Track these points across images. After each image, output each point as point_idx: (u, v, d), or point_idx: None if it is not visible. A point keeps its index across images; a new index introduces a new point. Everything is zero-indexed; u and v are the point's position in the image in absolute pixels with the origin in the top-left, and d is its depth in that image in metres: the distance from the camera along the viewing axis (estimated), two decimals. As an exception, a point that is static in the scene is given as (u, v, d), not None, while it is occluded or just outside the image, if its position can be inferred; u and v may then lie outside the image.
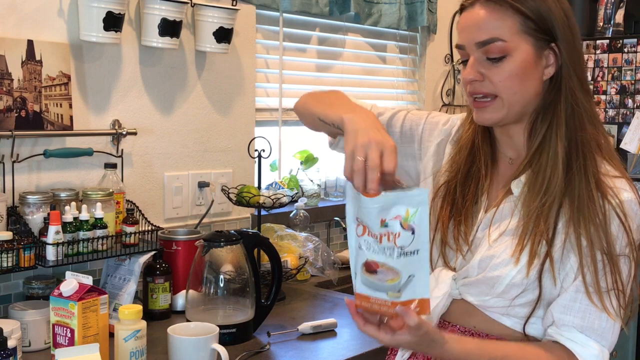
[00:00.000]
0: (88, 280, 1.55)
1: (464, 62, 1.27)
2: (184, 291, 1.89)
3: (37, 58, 1.86)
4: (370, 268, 1.11)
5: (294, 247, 2.33)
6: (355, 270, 1.14)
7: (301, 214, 2.58)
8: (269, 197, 2.13)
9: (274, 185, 2.48)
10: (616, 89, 3.01)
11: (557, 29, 1.23)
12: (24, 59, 1.84)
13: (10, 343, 1.43)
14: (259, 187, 2.19)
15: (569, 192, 1.22)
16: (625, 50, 2.98)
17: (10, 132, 1.80)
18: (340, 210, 2.80)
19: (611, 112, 3.02)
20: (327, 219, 2.75)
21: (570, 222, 1.21)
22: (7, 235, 1.70)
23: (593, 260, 1.19)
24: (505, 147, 1.34)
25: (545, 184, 1.23)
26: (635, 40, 2.96)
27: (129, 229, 1.91)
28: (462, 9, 1.28)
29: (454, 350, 1.20)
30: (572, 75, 1.24)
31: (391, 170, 1.11)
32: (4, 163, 1.82)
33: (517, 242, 1.23)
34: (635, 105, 2.96)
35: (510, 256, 1.23)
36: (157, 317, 1.92)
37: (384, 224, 1.11)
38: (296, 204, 2.50)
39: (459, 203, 1.33)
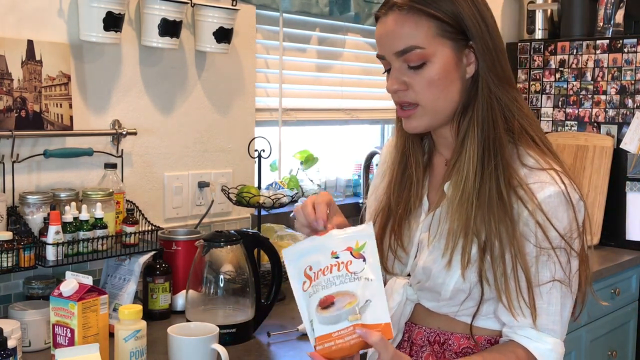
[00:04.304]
0: (88, 280, 1.55)
1: (388, 72, 1.27)
2: (184, 291, 1.89)
3: (37, 58, 1.86)
4: (325, 303, 1.13)
5: (294, 247, 2.32)
6: (310, 318, 1.15)
7: (301, 214, 2.57)
8: (269, 197, 2.12)
9: (274, 185, 2.48)
10: (616, 89, 3.00)
11: (470, 28, 1.22)
12: (24, 59, 1.84)
13: (10, 343, 1.42)
14: (259, 187, 2.19)
15: (481, 192, 1.22)
16: (625, 50, 2.98)
17: (10, 132, 1.80)
18: (340, 210, 2.79)
19: (611, 112, 3.02)
20: (327, 219, 2.74)
21: (483, 223, 1.21)
22: (7, 235, 1.70)
23: (503, 259, 1.20)
24: (442, 148, 1.35)
25: (462, 184, 1.23)
26: (635, 40, 2.96)
27: (129, 229, 1.91)
28: (377, 18, 1.27)
29: None
30: (488, 73, 1.23)
31: None
32: (4, 163, 1.82)
33: (444, 247, 1.24)
34: (635, 105, 2.96)
35: (445, 262, 1.24)
36: (157, 317, 1.92)
37: (334, 255, 1.15)
38: (296, 204, 2.49)
39: (393, 210, 1.34)
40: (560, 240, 1.21)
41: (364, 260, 1.14)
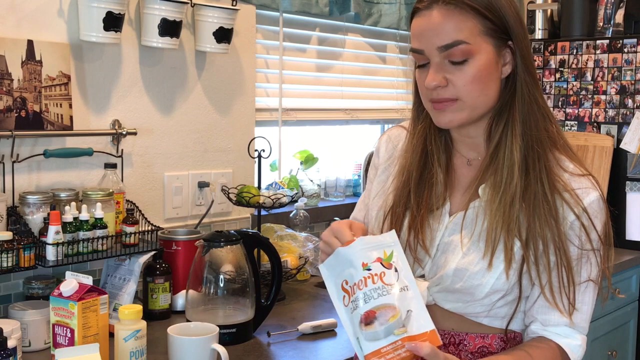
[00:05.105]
0: (88, 280, 1.55)
1: (420, 67, 1.25)
2: (184, 291, 1.89)
3: (37, 58, 1.86)
4: (368, 319, 1.12)
5: (294, 247, 2.33)
6: (357, 335, 1.14)
7: (301, 214, 2.58)
8: (269, 197, 2.12)
9: (274, 185, 2.48)
10: (616, 89, 3.00)
11: (512, 27, 1.22)
12: (24, 59, 1.84)
13: (10, 343, 1.43)
14: (259, 187, 2.19)
15: (527, 194, 1.22)
16: (625, 50, 2.98)
17: (10, 132, 1.80)
18: (340, 210, 2.80)
19: (611, 112, 3.02)
20: (327, 219, 2.75)
21: (526, 224, 1.22)
22: (7, 235, 1.70)
23: (547, 258, 1.22)
24: (464, 148, 1.33)
25: (503, 184, 1.23)
26: (635, 40, 2.96)
27: (129, 229, 1.91)
28: (415, 12, 1.25)
29: None
30: (526, 73, 1.23)
31: None
32: (4, 163, 1.82)
33: (485, 247, 1.23)
34: (635, 105, 2.96)
35: (486, 263, 1.23)
36: (157, 317, 1.92)
37: (366, 267, 1.14)
38: (296, 204, 2.49)
39: (414, 210, 1.31)
40: (598, 242, 1.24)
41: (395, 270, 1.14)
